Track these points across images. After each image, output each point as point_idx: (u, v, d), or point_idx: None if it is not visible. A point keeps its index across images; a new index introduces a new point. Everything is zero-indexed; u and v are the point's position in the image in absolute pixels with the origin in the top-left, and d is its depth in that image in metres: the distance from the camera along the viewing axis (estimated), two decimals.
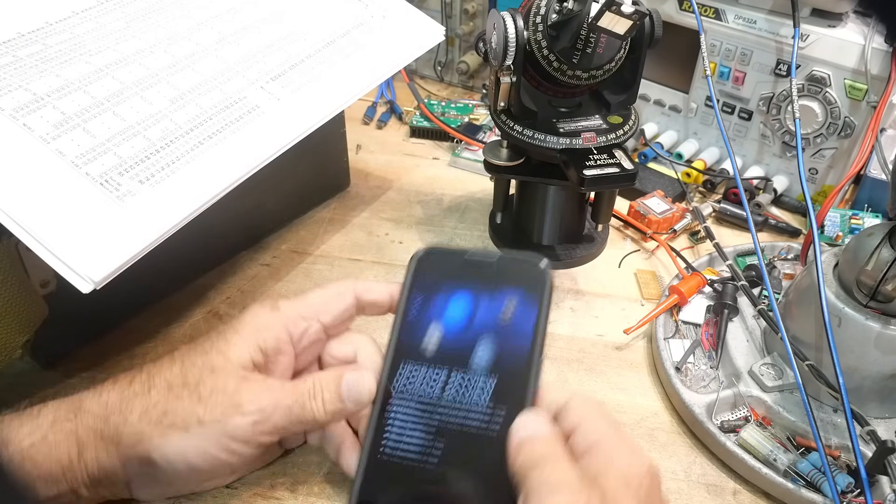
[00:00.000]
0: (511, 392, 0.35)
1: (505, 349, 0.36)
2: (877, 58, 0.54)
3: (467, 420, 0.35)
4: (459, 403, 0.35)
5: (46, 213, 0.36)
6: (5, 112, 0.39)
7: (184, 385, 0.35)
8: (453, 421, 0.35)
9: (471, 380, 0.36)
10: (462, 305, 0.37)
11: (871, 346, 0.41)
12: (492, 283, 0.37)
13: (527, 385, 0.35)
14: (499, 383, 0.35)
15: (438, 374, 0.36)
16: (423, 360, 0.36)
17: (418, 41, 0.56)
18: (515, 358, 0.36)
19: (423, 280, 0.38)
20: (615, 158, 0.45)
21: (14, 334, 0.40)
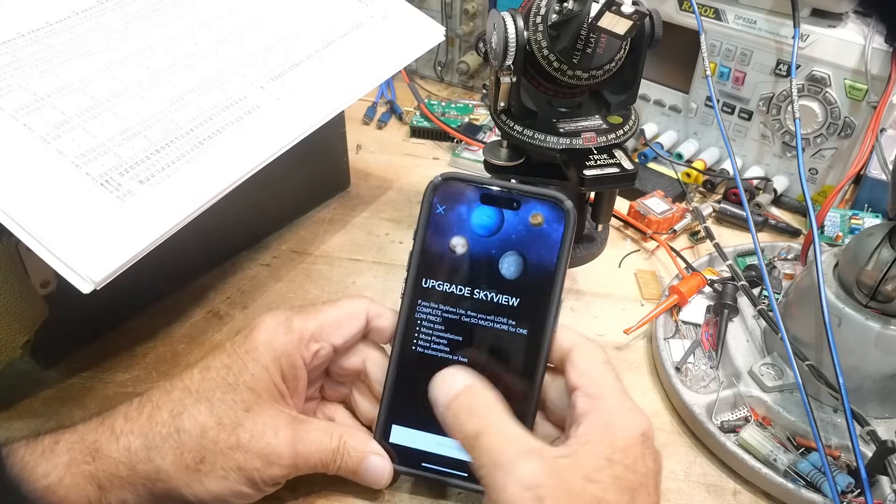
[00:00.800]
0: (531, 330, 0.36)
1: (524, 289, 0.36)
2: (877, 58, 0.54)
3: (488, 355, 0.36)
4: (478, 342, 0.36)
5: (47, 213, 0.36)
6: (6, 112, 0.39)
7: (220, 427, 0.34)
8: (473, 357, 0.36)
9: (489, 319, 0.36)
10: (478, 243, 0.37)
11: (871, 346, 0.41)
12: (511, 219, 0.37)
13: (546, 320, 0.36)
14: (517, 322, 0.36)
15: (455, 312, 0.37)
16: (439, 300, 0.37)
17: (418, 41, 0.56)
18: (535, 296, 0.36)
19: (439, 212, 0.37)
20: (615, 158, 0.45)
21: (14, 334, 0.40)
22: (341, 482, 0.40)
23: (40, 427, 0.42)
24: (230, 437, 0.34)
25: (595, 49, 0.43)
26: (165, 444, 0.34)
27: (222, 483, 0.34)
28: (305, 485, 0.40)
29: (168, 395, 0.35)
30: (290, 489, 0.39)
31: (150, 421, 0.34)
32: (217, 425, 0.34)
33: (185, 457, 0.34)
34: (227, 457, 0.34)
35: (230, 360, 0.36)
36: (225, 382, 0.35)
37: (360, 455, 0.37)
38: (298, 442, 0.36)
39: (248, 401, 0.35)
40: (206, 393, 0.35)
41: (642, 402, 0.46)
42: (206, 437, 0.34)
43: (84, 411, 0.44)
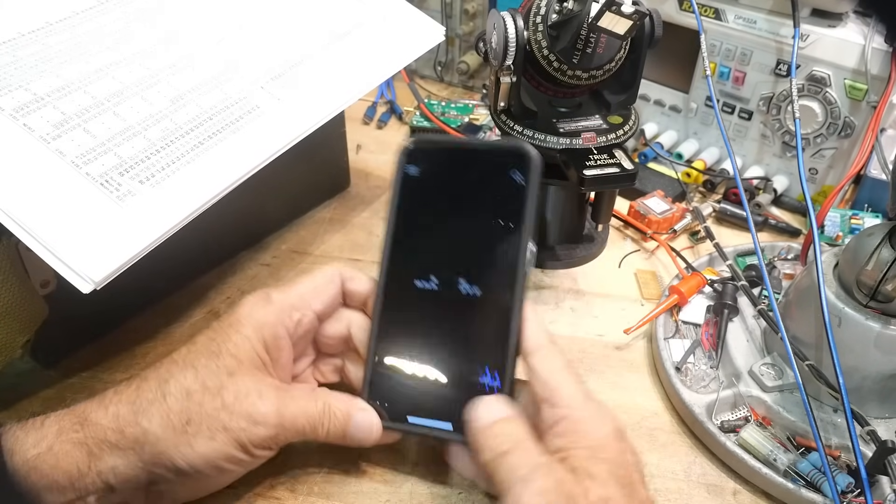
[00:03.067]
0: (500, 288, 0.37)
1: (494, 241, 0.37)
2: (877, 58, 0.54)
3: (460, 318, 0.37)
4: (452, 302, 0.37)
5: (47, 213, 0.36)
6: (5, 112, 0.39)
7: (204, 390, 0.35)
8: (447, 320, 0.38)
9: (462, 278, 0.37)
10: (450, 199, 0.39)
11: (871, 346, 0.41)
12: (480, 173, 0.38)
13: (515, 273, 0.36)
14: (488, 277, 0.37)
15: (431, 274, 0.38)
16: (417, 264, 0.39)
17: (418, 41, 0.56)
18: (504, 249, 0.37)
19: (412, 176, 0.39)
20: (615, 158, 0.45)
21: (14, 334, 0.40)
22: (341, 482, 0.40)
23: None
24: (214, 399, 0.35)
25: (595, 49, 0.43)
26: (152, 407, 0.35)
27: (210, 444, 0.34)
28: (305, 485, 0.40)
29: (156, 370, 0.36)
30: (289, 489, 0.40)
31: (137, 390, 0.35)
32: (201, 388, 0.35)
33: (171, 418, 0.34)
34: (212, 418, 0.35)
35: (214, 333, 0.37)
36: (209, 350, 0.36)
37: (346, 414, 0.37)
38: (283, 406, 0.36)
39: (231, 366, 0.36)
40: (191, 361, 0.36)
41: (642, 402, 0.46)
42: (191, 399, 0.35)
43: None
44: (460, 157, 0.39)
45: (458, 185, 0.39)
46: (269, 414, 0.36)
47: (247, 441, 0.35)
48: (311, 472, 0.41)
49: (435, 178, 0.39)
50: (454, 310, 0.37)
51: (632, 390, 0.47)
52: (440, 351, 0.37)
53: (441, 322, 0.38)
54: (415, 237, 0.39)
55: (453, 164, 0.39)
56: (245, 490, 0.39)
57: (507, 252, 0.37)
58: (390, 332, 0.39)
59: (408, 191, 0.39)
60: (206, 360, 0.36)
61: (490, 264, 0.37)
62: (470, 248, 0.38)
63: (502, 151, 0.38)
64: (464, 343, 0.37)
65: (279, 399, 0.36)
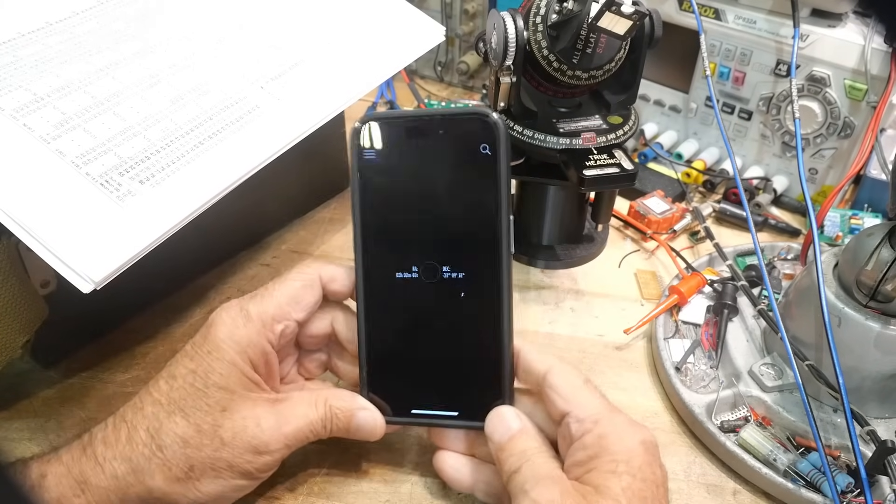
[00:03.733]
0: (486, 267, 0.36)
1: (471, 219, 0.35)
2: (877, 58, 0.54)
3: (449, 305, 0.36)
4: (438, 289, 0.36)
5: (47, 212, 0.36)
6: (6, 112, 0.39)
7: (200, 434, 0.34)
8: (436, 308, 0.37)
9: (444, 265, 0.36)
10: (416, 180, 0.36)
11: (871, 346, 0.41)
12: (442, 147, 0.35)
13: (499, 249, 0.35)
14: (471, 259, 0.36)
15: (411, 264, 0.36)
16: (394, 255, 0.37)
17: (419, 41, 0.56)
18: (483, 226, 0.35)
19: (368, 158, 0.36)
20: (615, 158, 0.45)
21: (14, 334, 0.40)
22: (341, 482, 0.40)
23: (41, 426, 0.42)
24: (213, 440, 0.34)
25: (595, 49, 0.43)
26: (151, 463, 0.33)
27: (217, 483, 0.34)
28: (305, 485, 0.40)
29: (141, 412, 0.35)
30: (289, 489, 0.40)
31: (129, 443, 0.34)
32: (197, 433, 0.34)
33: (173, 471, 0.34)
34: (214, 459, 0.34)
35: (194, 363, 0.35)
36: (193, 388, 0.34)
37: (348, 414, 0.37)
38: (284, 424, 0.35)
39: (222, 400, 0.34)
40: (177, 403, 0.34)
41: (642, 402, 0.46)
42: (188, 446, 0.34)
43: (84, 411, 0.44)
44: (418, 131, 0.35)
45: (421, 162, 0.36)
46: (272, 440, 0.35)
47: (253, 471, 0.35)
48: (311, 472, 0.41)
49: (395, 158, 0.36)
50: (441, 297, 0.36)
51: (632, 390, 0.47)
52: (434, 339, 0.37)
53: (430, 311, 0.37)
54: (386, 227, 0.37)
55: (412, 140, 0.36)
56: None
57: (486, 229, 0.35)
58: (379, 327, 0.38)
59: (368, 177, 0.36)
60: (194, 401, 0.34)
61: (471, 245, 0.36)
62: (447, 231, 0.36)
63: (461, 119, 0.35)
64: (457, 328, 0.37)
65: (278, 419, 0.36)
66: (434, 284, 0.36)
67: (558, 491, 0.31)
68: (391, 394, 0.38)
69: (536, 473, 0.32)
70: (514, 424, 0.34)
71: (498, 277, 0.35)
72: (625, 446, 0.32)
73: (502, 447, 0.34)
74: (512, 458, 0.33)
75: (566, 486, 0.31)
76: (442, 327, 0.37)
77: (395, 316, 0.37)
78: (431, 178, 0.36)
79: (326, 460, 0.41)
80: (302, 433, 0.36)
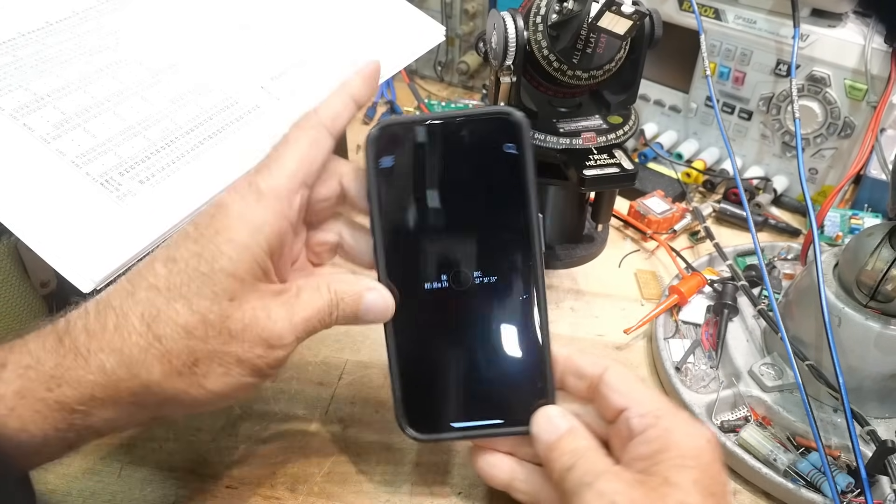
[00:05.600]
0: (516, 263, 0.35)
1: (500, 222, 0.35)
2: (877, 58, 0.54)
3: (482, 312, 0.35)
4: (469, 297, 0.35)
5: (47, 212, 0.36)
6: (6, 112, 0.39)
7: (205, 325, 0.30)
8: (468, 317, 0.35)
9: (476, 270, 0.35)
10: (438, 185, 0.34)
11: (871, 346, 0.41)
12: (463, 150, 0.34)
13: (532, 248, 0.34)
14: (502, 257, 0.35)
15: (440, 273, 0.35)
16: (420, 266, 0.35)
17: (419, 41, 0.56)
18: (513, 228, 0.34)
19: (387, 164, 0.34)
20: (615, 158, 0.45)
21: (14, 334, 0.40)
22: (341, 482, 0.40)
23: None
24: (220, 333, 0.30)
25: (595, 49, 0.43)
26: (147, 355, 0.29)
27: (224, 380, 0.31)
28: (305, 485, 0.40)
29: (132, 298, 0.30)
30: (289, 489, 0.40)
31: (118, 332, 0.29)
32: (201, 323, 0.30)
33: (174, 364, 0.29)
34: (223, 354, 0.30)
35: (198, 246, 0.30)
36: (198, 273, 0.30)
37: (356, 297, 0.33)
38: (293, 315, 0.32)
39: (231, 288, 0.30)
40: (178, 288, 0.30)
41: None
42: (192, 338, 0.30)
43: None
44: (438, 133, 0.34)
45: (442, 166, 0.34)
46: (284, 332, 0.31)
47: (264, 366, 0.31)
48: (311, 472, 0.41)
49: (413, 164, 0.34)
50: (474, 303, 0.35)
51: None
52: (470, 348, 0.35)
53: (464, 319, 0.35)
54: (409, 238, 0.35)
55: (432, 144, 0.34)
56: (245, 490, 0.39)
57: (516, 229, 0.34)
58: (410, 343, 0.36)
59: (386, 186, 0.34)
60: (199, 287, 0.30)
61: (502, 246, 0.35)
62: (476, 235, 0.35)
63: (484, 119, 0.34)
64: (493, 334, 0.35)
65: (288, 310, 0.32)
66: (465, 291, 0.35)
67: (623, 481, 0.30)
68: (430, 412, 0.36)
69: (595, 468, 0.31)
70: (562, 424, 0.33)
71: (533, 277, 0.34)
72: (692, 442, 0.31)
73: (552, 447, 0.33)
74: (564, 456, 0.32)
75: (629, 476, 0.30)
76: (477, 335, 0.35)
77: (425, 329, 0.36)
78: (454, 182, 0.34)
79: (326, 460, 0.41)
80: (311, 322, 0.32)
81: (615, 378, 0.34)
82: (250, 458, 0.41)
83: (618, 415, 0.33)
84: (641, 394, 0.33)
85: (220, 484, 0.39)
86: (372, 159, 0.34)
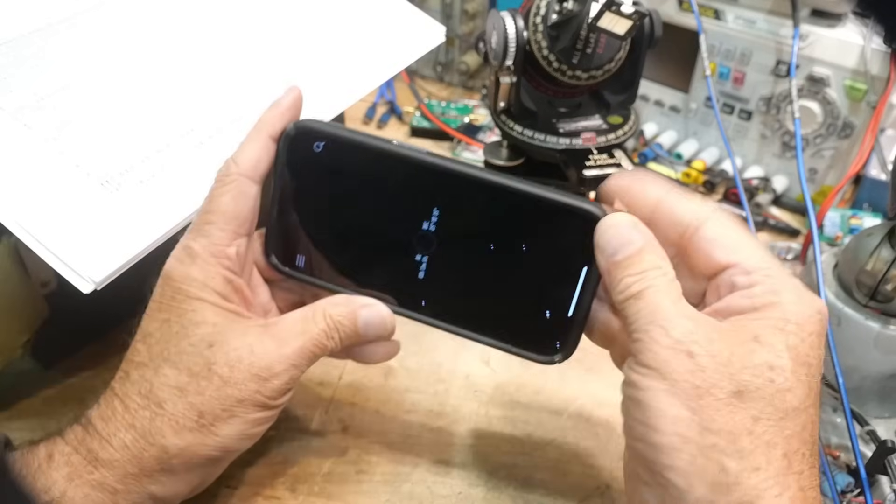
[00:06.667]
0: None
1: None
2: (876, 58, 0.54)
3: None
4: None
5: (47, 212, 0.36)
6: (6, 112, 0.39)
7: (194, 377, 0.32)
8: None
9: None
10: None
11: (871, 346, 0.41)
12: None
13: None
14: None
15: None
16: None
17: (419, 41, 0.56)
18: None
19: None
20: (615, 158, 0.46)
21: (14, 334, 0.40)
22: (341, 482, 0.40)
23: (41, 426, 0.42)
24: (210, 380, 0.32)
25: (595, 49, 0.43)
26: (155, 423, 0.31)
27: (233, 423, 0.32)
28: (305, 485, 0.40)
29: (128, 380, 0.33)
30: (289, 489, 0.40)
31: (127, 411, 0.32)
32: (191, 378, 0.32)
33: (181, 422, 0.31)
34: (221, 399, 0.32)
35: (164, 313, 0.33)
36: (172, 334, 0.32)
37: (351, 317, 0.34)
38: (282, 345, 0.33)
39: (207, 336, 0.32)
40: (160, 356, 0.32)
41: None
42: (188, 394, 0.31)
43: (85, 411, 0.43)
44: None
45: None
46: (274, 363, 0.32)
47: (266, 399, 0.33)
48: (311, 472, 0.41)
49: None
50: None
51: None
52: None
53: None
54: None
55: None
56: (245, 490, 0.39)
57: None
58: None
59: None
60: (177, 346, 0.32)
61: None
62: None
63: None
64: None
65: (274, 340, 0.33)
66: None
67: (705, 328, 0.26)
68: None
69: (669, 306, 0.27)
70: (636, 237, 0.29)
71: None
72: (800, 309, 0.27)
73: (618, 264, 0.29)
74: (631, 279, 0.28)
75: (713, 324, 0.27)
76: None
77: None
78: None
79: (326, 460, 0.41)
80: (306, 351, 0.33)
81: (719, 229, 0.29)
82: (250, 458, 0.41)
83: (719, 272, 0.29)
84: (751, 250, 0.28)
85: (220, 484, 0.39)
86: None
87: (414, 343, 0.48)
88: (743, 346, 0.26)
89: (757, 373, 0.26)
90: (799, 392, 0.26)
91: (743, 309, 0.27)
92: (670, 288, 0.28)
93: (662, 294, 0.27)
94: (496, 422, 0.44)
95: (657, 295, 0.27)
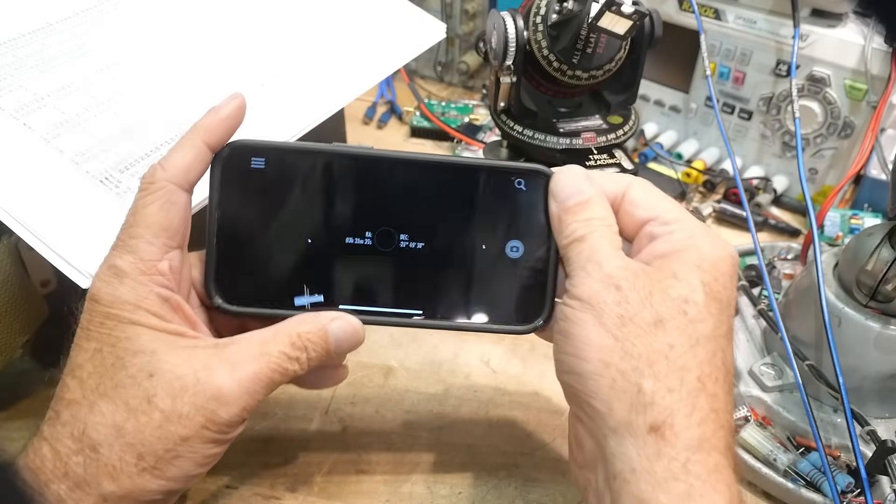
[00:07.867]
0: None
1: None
2: (877, 58, 0.54)
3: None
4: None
5: (47, 210, 0.36)
6: (6, 112, 0.39)
7: (132, 413, 0.28)
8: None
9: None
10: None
11: (871, 346, 0.41)
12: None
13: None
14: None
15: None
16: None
17: (419, 38, 0.56)
18: None
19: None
20: (615, 158, 0.46)
21: (14, 334, 0.40)
22: (341, 482, 0.40)
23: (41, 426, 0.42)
24: (150, 416, 0.28)
25: (595, 49, 0.43)
26: (91, 469, 0.28)
27: (178, 463, 0.29)
28: (305, 485, 0.40)
29: (58, 421, 0.29)
30: (289, 489, 0.40)
31: (57, 458, 0.28)
32: (129, 413, 0.28)
33: (119, 467, 0.28)
34: (162, 438, 0.28)
35: (94, 342, 0.29)
36: (106, 366, 0.29)
37: (321, 333, 0.31)
38: (235, 369, 0.29)
39: (146, 366, 0.28)
40: (95, 390, 0.28)
41: None
42: (125, 434, 0.28)
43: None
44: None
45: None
46: (225, 391, 0.29)
47: (215, 434, 0.29)
48: (311, 472, 0.41)
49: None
50: None
51: None
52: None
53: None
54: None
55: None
56: (245, 490, 0.39)
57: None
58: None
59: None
60: (112, 378, 0.28)
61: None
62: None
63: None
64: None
65: (225, 365, 0.29)
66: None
67: (632, 268, 0.29)
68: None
69: (606, 247, 0.30)
70: (587, 188, 0.31)
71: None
72: (715, 251, 0.30)
73: (569, 209, 0.31)
74: (577, 223, 0.31)
75: (639, 266, 0.29)
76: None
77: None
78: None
79: (326, 460, 0.41)
80: (263, 377, 0.30)
81: (639, 192, 0.32)
82: (250, 458, 0.41)
83: (640, 227, 0.31)
84: (668, 204, 0.31)
85: (220, 484, 0.39)
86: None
87: (414, 343, 0.48)
88: (663, 282, 0.29)
89: (674, 305, 0.28)
90: (710, 323, 0.28)
91: (664, 253, 0.30)
92: (612, 237, 0.31)
93: (604, 240, 0.30)
94: (496, 422, 0.44)
95: (600, 240, 0.30)
